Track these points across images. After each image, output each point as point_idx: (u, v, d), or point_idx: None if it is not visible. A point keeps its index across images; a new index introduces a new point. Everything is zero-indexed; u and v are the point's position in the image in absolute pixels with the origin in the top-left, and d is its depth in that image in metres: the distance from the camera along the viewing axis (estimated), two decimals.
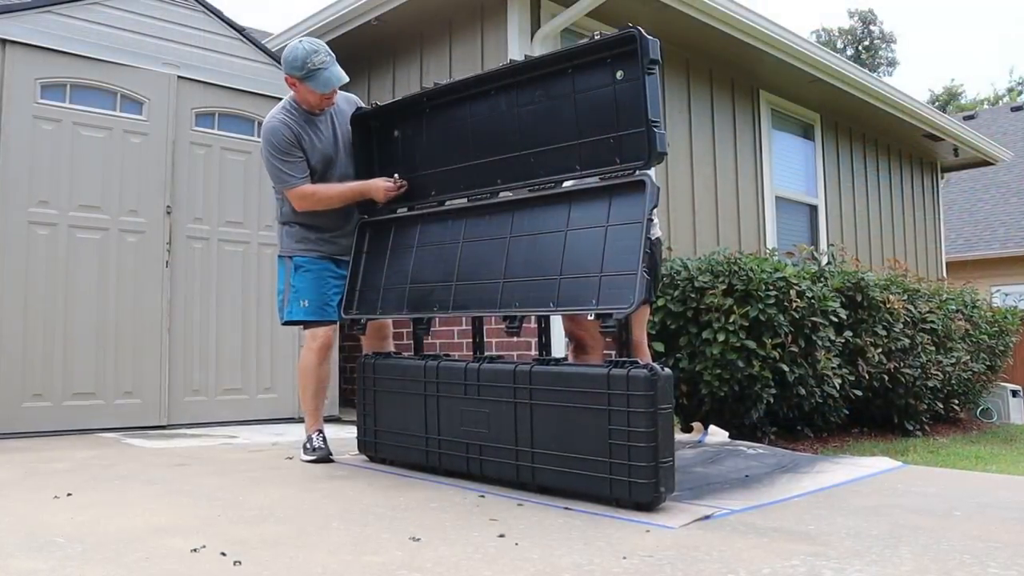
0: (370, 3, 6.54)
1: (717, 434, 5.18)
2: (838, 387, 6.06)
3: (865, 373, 6.41)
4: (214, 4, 5.96)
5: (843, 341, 6.23)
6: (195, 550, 2.29)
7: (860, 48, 43.47)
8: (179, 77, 5.67)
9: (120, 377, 5.33)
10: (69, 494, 3.11)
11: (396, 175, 3.95)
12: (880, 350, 6.55)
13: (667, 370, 2.87)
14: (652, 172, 3.01)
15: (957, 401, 8.05)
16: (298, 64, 3.87)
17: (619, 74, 3.06)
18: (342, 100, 4.16)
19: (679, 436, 5.12)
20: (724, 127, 7.96)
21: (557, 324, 5.13)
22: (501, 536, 2.48)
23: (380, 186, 3.93)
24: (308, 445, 4.02)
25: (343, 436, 4.75)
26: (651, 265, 3.11)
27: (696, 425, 5.37)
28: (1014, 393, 9.80)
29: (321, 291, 4.04)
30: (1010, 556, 2.30)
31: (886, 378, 6.67)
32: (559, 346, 5.29)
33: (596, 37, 3.11)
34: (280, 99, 5.99)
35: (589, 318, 3.08)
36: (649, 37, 2.94)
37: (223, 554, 2.25)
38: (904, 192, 10.99)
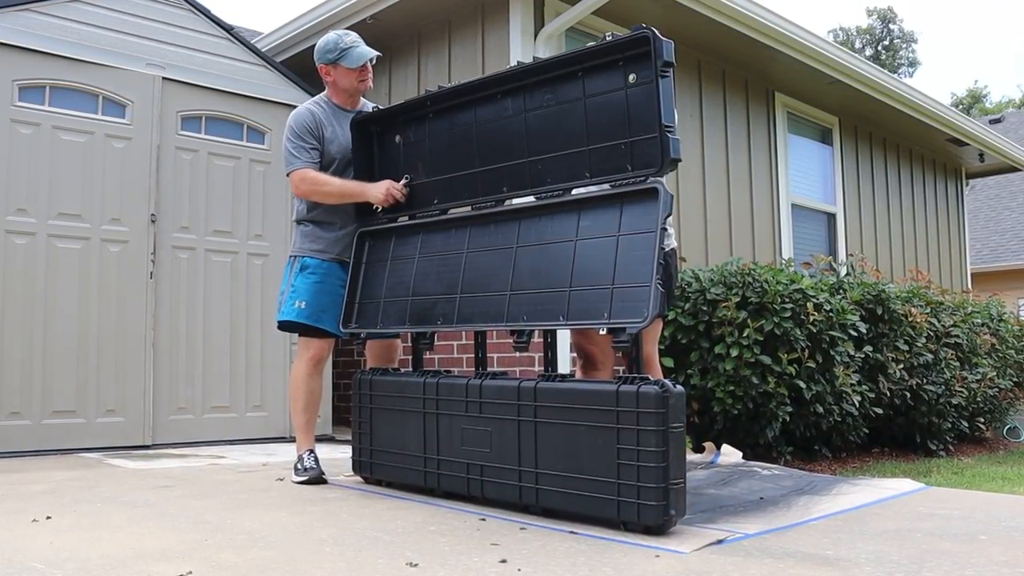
0: (364, 0, 6.56)
1: (730, 454, 5.19)
2: (857, 404, 6.06)
3: (886, 390, 6.41)
4: (201, 2, 6.00)
5: (863, 356, 6.23)
6: None
7: (879, 48, 43.66)
8: (164, 78, 5.70)
9: (102, 394, 5.34)
10: (48, 517, 3.11)
11: (408, 176, 3.97)
12: (902, 366, 6.56)
13: (679, 387, 2.88)
14: (664, 179, 3.02)
15: (983, 419, 8.04)
16: (331, 47, 4.13)
17: (631, 77, 3.08)
18: (371, 108, 4.27)
19: (690, 456, 5.13)
20: (737, 131, 7.99)
21: (563, 338, 5.15)
22: (503, 562, 2.48)
23: (382, 189, 3.95)
24: (299, 465, 4.03)
25: (337, 456, 4.75)
26: (665, 277, 3.12)
27: (708, 445, 5.37)
28: None
29: (321, 298, 4.07)
30: None
31: (908, 395, 6.66)
32: (565, 361, 5.30)
33: (608, 38, 3.13)
34: (272, 101, 6.13)
35: (601, 332, 3.10)
36: (663, 39, 2.96)
37: None
38: (927, 199, 11.01)
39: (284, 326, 4.19)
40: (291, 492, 3.77)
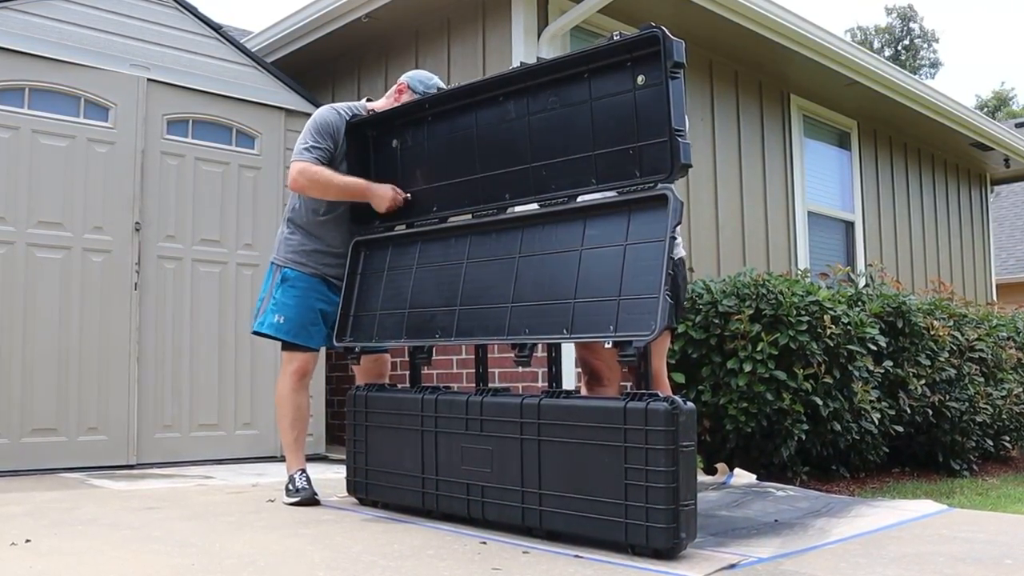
0: None
1: (743, 475, 5.19)
2: (877, 422, 6.06)
3: (907, 407, 6.41)
4: (188, 0, 6.02)
5: (882, 371, 6.24)
6: None
7: (899, 48, 43.79)
8: (149, 80, 5.72)
9: (84, 411, 5.34)
10: (28, 540, 3.12)
11: (408, 195, 4.00)
12: (923, 381, 6.56)
13: (689, 404, 2.89)
14: (674, 186, 3.03)
15: (1008, 438, 8.03)
16: (425, 79, 4.24)
17: (640, 79, 3.10)
18: None
19: (702, 477, 5.13)
20: (751, 135, 8.01)
21: (568, 353, 5.15)
22: None
23: (387, 193, 3.98)
24: (291, 486, 4.04)
25: (330, 476, 4.76)
26: (673, 288, 3.13)
27: (720, 465, 5.38)
28: None
29: (303, 313, 4.09)
30: None
31: (930, 412, 6.66)
32: (570, 376, 5.30)
33: (615, 38, 3.15)
34: (262, 104, 6.15)
35: (606, 346, 3.11)
36: (673, 38, 2.98)
37: None
38: (950, 207, 11.02)
39: (261, 335, 4.22)
40: (282, 514, 3.77)
